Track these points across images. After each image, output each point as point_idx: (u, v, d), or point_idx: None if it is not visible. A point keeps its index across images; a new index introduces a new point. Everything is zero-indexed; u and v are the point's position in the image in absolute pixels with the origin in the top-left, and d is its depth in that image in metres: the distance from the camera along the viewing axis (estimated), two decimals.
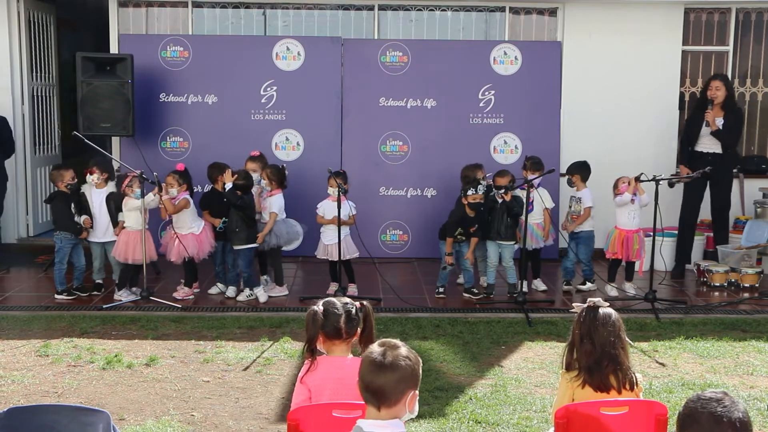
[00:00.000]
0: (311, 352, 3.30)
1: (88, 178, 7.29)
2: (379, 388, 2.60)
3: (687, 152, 8.31)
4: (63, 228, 7.22)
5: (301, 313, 6.69)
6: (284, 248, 7.51)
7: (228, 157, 7.76)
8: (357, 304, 3.37)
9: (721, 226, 8.36)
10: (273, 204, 7.33)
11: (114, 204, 7.27)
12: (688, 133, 8.32)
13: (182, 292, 7.32)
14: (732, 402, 2.38)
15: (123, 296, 7.12)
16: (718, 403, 2.36)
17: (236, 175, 7.10)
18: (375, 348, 2.67)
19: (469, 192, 7.21)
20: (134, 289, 7.22)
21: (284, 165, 7.64)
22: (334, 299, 3.37)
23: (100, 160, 7.40)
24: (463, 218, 7.28)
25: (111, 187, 7.37)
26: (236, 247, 7.13)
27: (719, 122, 8.09)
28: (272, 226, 7.27)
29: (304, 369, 3.32)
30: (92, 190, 7.33)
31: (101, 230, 7.32)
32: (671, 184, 8.14)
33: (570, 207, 7.72)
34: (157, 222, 7.34)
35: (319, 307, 3.31)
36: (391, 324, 6.43)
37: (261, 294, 7.12)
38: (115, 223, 7.28)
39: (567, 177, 7.80)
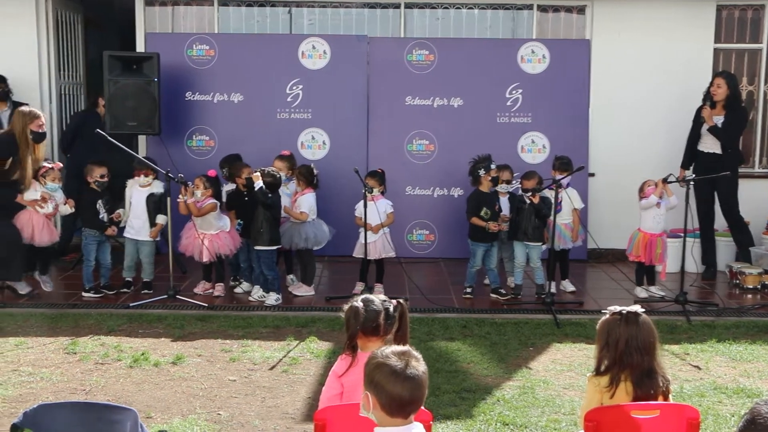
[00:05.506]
0: (352, 348, 3.31)
1: (138, 179, 7.34)
2: (416, 401, 2.55)
3: (689, 153, 8.26)
4: (88, 225, 7.30)
5: (328, 312, 6.77)
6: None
7: (254, 156, 7.84)
8: (394, 301, 3.38)
9: (734, 226, 8.23)
10: (303, 203, 7.35)
11: (153, 204, 7.33)
12: (692, 131, 8.27)
13: (201, 286, 7.43)
14: None
15: (20, 288, 7.18)
16: None
17: (262, 174, 7.09)
18: (392, 359, 2.55)
19: (481, 172, 7.17)
20: (44, 278, 7.31)
21: (313, 165, 7.66)
22: (372, 296, 3.39)
23: (143, 161, 7.44)
24: (480, 197, 7.25)
25: (157, 187, 7.41)
26: (259, 248, 7.13)
27: (719, 120, 8.01)
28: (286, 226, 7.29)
29: (342, 365, 3.33)
30: (135, 187, 7.39)
31: (136, 228, 7.37)
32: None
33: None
34: (183, 220, 7.36)
35: (359, 303, 3.32)
36: (418, 324, 6.41)
37: (271, 300, 7.09)
38: (153, 223, 7.34)
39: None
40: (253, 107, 8.93)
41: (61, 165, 7.49)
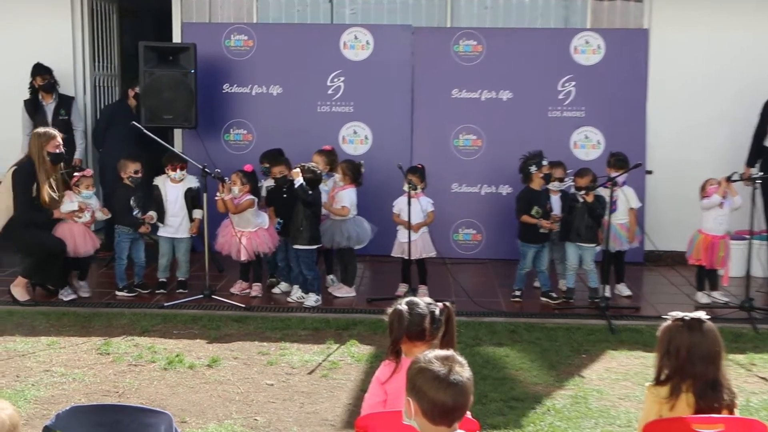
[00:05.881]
0: (396, 354, 3.30)
1: (170, 173, 7.39)
2: (459, 408, 2.54)
3: (755, 149, 8.12)
4: (121, 222, 7.39)
5: (369, 315, 6.76)
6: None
7: (293, 151, 7.85)
8: (440, 305, 3.36)
9: None
10: (344, 198, 7.35)
11: (191, 199, 7.39)
12: (758, 127, 8.12)
13: (238, 286, 7.47)
14: None
15: (64, 295, 7.23)
16: None
17: (302, 170, 7.08)
18: (435, 363, 2.55)
19: (533, 169, 7.11)
20: (82, 283, 7.36)
21: (362, 162, 7.66)
22: (416, 299, 3.37)
23: (176, 155, 7.50)
24: (530, 195, 7.20)
25: (192, 181, 7.48)
26: (298, 247, 7.14)
27: None
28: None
29: (385, 371, 3.33)
30: (167, 183, 7.45)
31: (174, 226, 7.44)
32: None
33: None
34: (219, 217, 7.42)
35: (403, 306, 3.30)
36: (464, 329, 6.37)
37: (310, 301, 7.10)
38: (192, 218, 7.41)
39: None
40: (293, 100, 8.95)
41: (92, 171, 7.58)
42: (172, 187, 7.44)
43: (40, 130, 7.17)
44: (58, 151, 7.04)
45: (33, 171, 6.95)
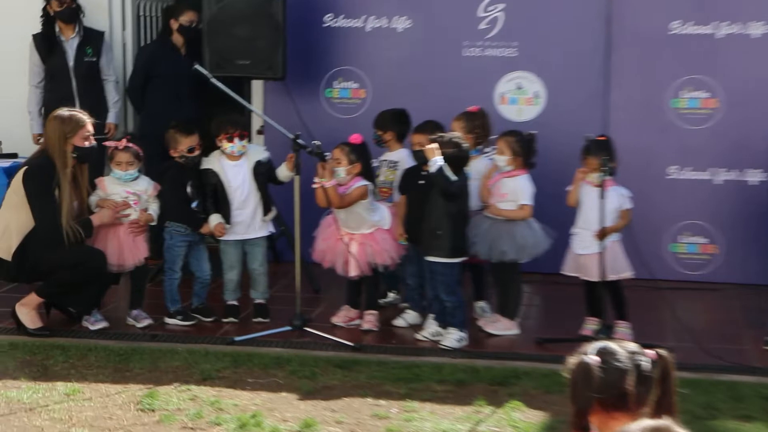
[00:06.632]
0: (582, 429, 3.21)
1: (226, 145, 7.42)
2: None
3: None
4: (174, 217, 7.47)
5: (539, 364, 6.72)
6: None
7: (425, 114, 7.84)
8: (650, 353, 3.26)
9: None
10: (521, 190, 7.25)
11: (263, 177, 7.44)
12: None
13: (344, 315, 7.50)
14: None
15: (91, 322, 7.32)
16: None
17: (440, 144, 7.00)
18: None
19: None
20: (136, 312, 7.46)
21: (533, 133, 7.55)
22: (613, 344, 3.27)
23: (237, 119, 7.54)
24: None
25: (257, 152, 7.55)
26: (433, 260, 7.09)
27: None
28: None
29: None
30: (223, 162, 7.50)
31: (243, 222, 7.48)
32: None
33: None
34: (318, 214, 7.42)
35: (591, 356, 3.20)
36: (690, 391, 6.12)
37: (451, 341, 7.06)
38: (268, 207, 7.46)
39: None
40: (427, 39, 8.99)
41: (125, 143, 7.43)
42: (233, 167, 7.49)
43: (63, 112, 7.23)
44: (87, 144, 7.15)
45: (52, 171, 7.06)
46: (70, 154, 7.04)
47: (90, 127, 7.16)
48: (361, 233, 7.26)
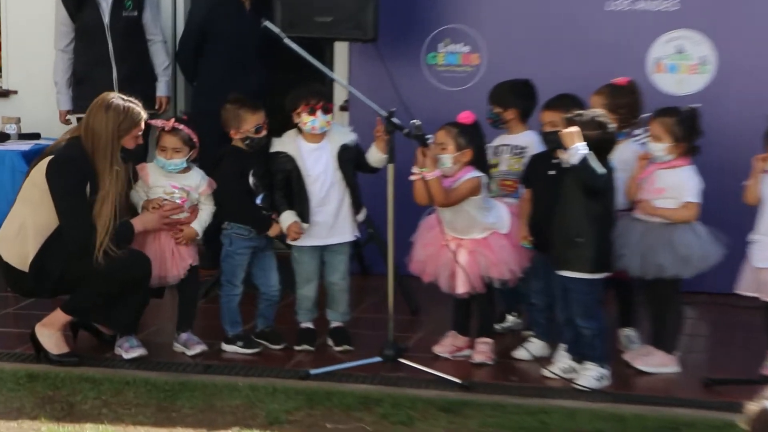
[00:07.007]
0: None
1: (305, 120, 7.39)
2: None
3: None
4: (234, 217, 7.50)
5: (707, 412, 6.50)
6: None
7: (558, 86, 7.83)
8: None
9: None
10: (687, 185, 7.19)
11: (349, 163, 7.46)
12: None
13: (449, 343, 7.51)
14: None
15: (125, 349, 7.36)
16: None
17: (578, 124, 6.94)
18: None
19: None
20: (185, 335, 7.53)
21: (695, 107, 7.47)
22: None
23: (319, 88, 7.56)
24: None
25: (341, 134, 7.56)
26: (568, 275, 7.04)
27: None
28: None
29: None
30: (300, 144, 7.50)
31: (328, 222, 7.49)
32: None
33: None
34: (417, 213, 7.35)
35: None
36: None
37: (589, 379, 7.02)
38: (357, 204, 7.52)
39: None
40: None
41: (173, 123, 7.44)
42: (312, 150, 7.50)
43: (118, 101, 7.23)
44: (137, 143, 7.27)
45: (86, 165, 7.11)
46: (116, 154, 7.09)
47: (143, 125, 7.24)
48: (472, 239, 7.24)
